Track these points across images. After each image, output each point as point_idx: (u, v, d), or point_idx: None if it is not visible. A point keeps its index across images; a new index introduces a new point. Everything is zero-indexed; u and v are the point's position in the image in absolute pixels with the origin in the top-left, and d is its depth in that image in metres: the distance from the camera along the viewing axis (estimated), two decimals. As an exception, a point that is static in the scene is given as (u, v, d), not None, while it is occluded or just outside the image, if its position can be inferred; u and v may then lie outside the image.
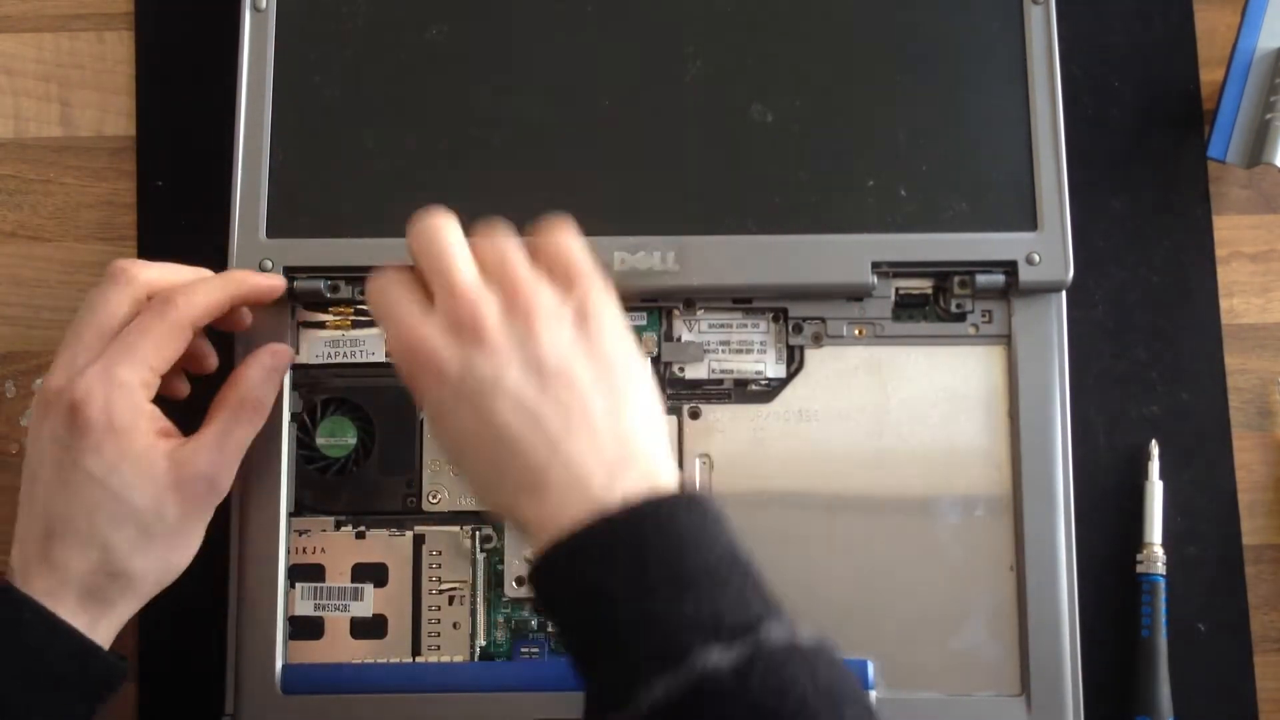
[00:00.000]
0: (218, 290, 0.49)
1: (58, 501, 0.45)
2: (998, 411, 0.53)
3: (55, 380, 0.46)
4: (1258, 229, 0.58)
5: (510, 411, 0.41)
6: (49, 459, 0.46)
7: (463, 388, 0.41)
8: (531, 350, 0.42)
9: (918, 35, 0.54)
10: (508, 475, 0.41)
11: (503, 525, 0.52)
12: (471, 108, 0.54)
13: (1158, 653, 0.53)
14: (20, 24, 0.61)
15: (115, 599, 0.46)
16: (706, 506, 0.41)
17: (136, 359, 0.46)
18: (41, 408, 0.46)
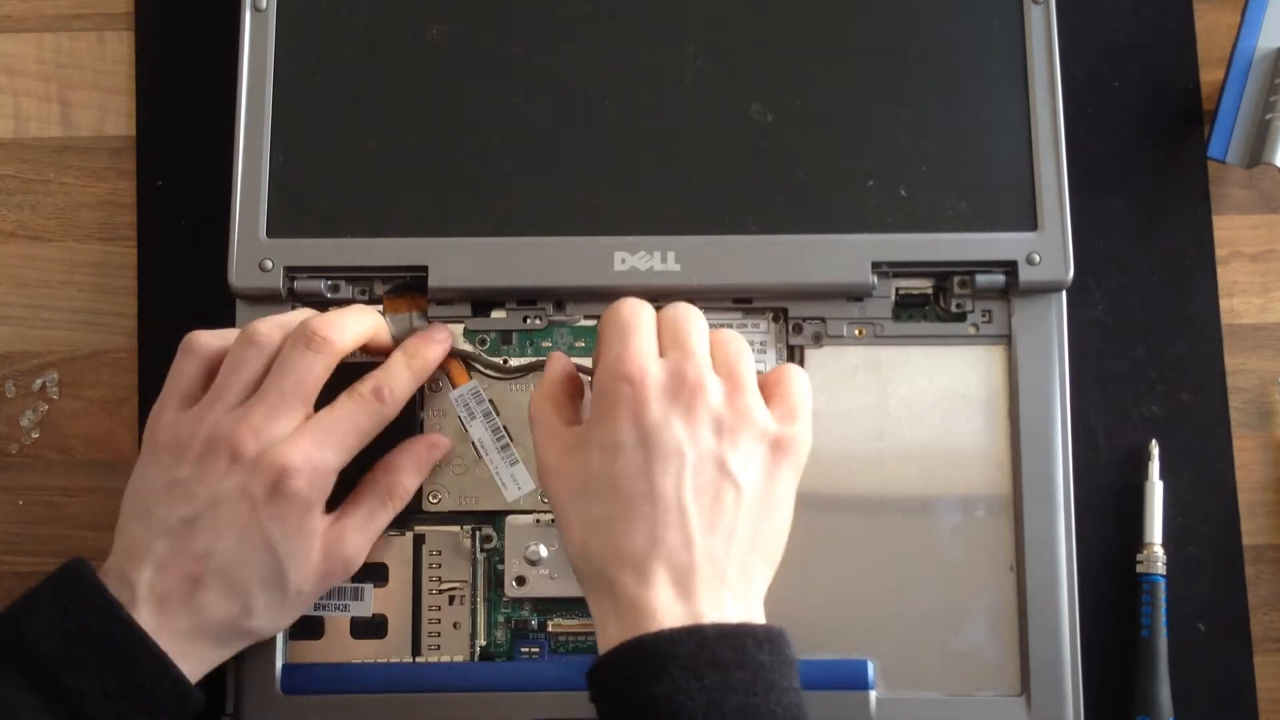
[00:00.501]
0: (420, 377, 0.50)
1: (225, 551, 0.46)
2: (998, 411, 0.53)
3: (248, 438, 0.46)
4: (1258, 229, 0.58)
5: (674, 482, 0.43)
6: (230, 509, 0.46)
7: (649, 436, 0.43)
8: (726, 449, 0.44)
9: (918, 35, 0.54)
10: (631, 540, 0.43)
11: (503, 525, 0.52)
12: (471, 108, 0.54)
13: (1158, 653, 0.53)
14: (20, 24, 0.61)
15: (227, 647, 0.47)
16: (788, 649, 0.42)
17: (344, 447, 0.47)
18: (224, 453, 0.46)
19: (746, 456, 0.44)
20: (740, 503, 0.44)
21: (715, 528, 0.43)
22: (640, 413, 0.44)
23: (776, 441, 0.45)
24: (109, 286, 0.58)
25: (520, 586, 0.52)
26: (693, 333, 0.46)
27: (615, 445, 0.44)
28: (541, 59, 0.54)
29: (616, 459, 0.43)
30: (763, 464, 0.45)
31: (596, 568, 0.43)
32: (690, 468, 0.43)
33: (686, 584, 0.42)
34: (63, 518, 0.57)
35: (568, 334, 0.54)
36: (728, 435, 0.44)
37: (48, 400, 0.58)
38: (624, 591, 0.42)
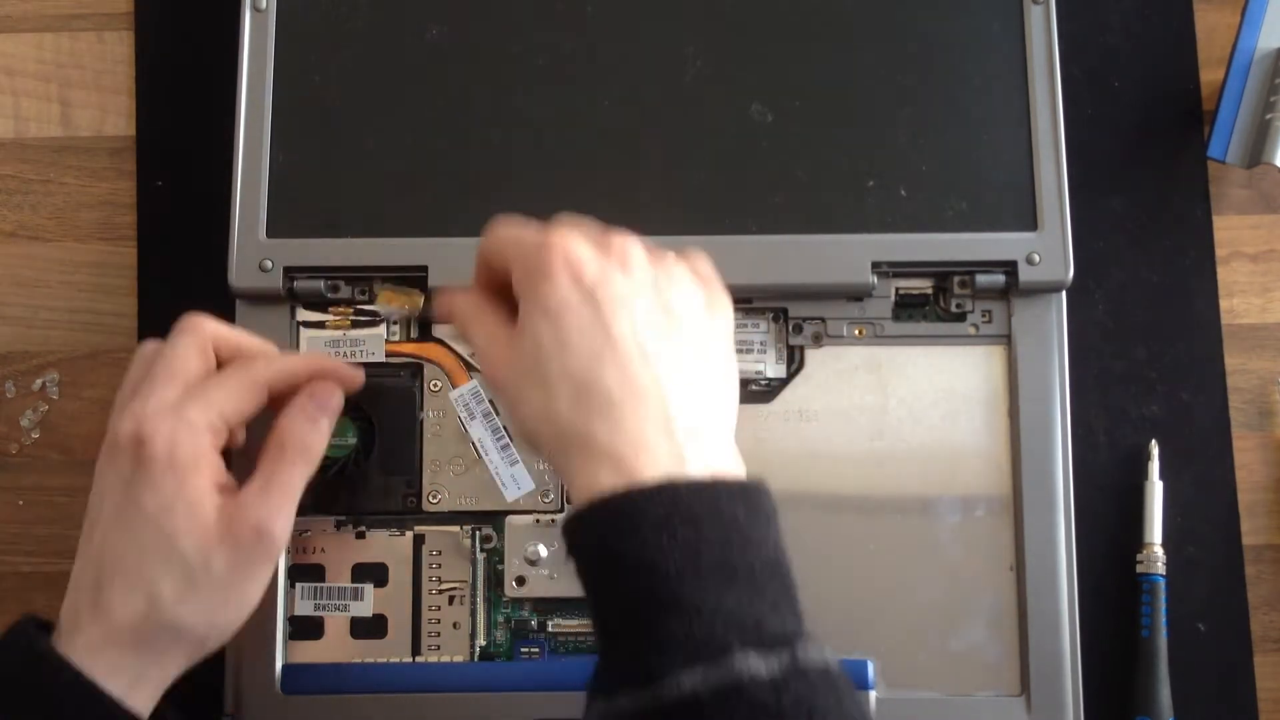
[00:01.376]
0: (299, 363, 0.48)
1: (113, 541, 0.44)
2: (998, 411, 0.53)
3: (124, 423, 0.45)
4: (1258, 229, 0.58)
5: (630, 327, 0.42)
6: (109, 498, 0.45)
7: (595, 291, 0.42)
8: (665, 295, 0.43)
9: (918, 35, 0.54)
10: (596, 390, 0.41)
11: (503, 525, 0.52)
12: (471, 108, 0.54)
13: (1158, 653, 0.53)
14: (20, 24, 0.61)
15: (161, 653, 0.44)
16: (765, 501, 0.41)
17: (209, 403, 0.45)
18: (109, 450, 0.45)
19: (689, 302, 0.43)
20: (695, 346, 0.43)
21: (679, 368, 0.42)
22: (579, 272, 0.42)
23: (709, 292, 0.45)
24: (109, 286, 0.58)
25: (520, 587, 0.52)
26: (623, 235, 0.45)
27: (561, 306, 0.42)
28: (541, 59, 0.54)
29: (565, 317, 0.42)
30: (703, 311, 0.44)
31: (563, 426, 0.41)
32: (641, 313, 0.42)
33: (661, 432, 0.41)
34: (63, 518, 0.57)
35: (568, 334, 0.53)
36: (664, 284, 0.43)
37: (48, 400, 0.58)
38: (597, 439, 0.40)
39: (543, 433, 0.42)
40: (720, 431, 0.43)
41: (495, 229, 0.46)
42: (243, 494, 0.45)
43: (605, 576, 0.40)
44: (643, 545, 0.38)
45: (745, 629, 0.37)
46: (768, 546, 0.40)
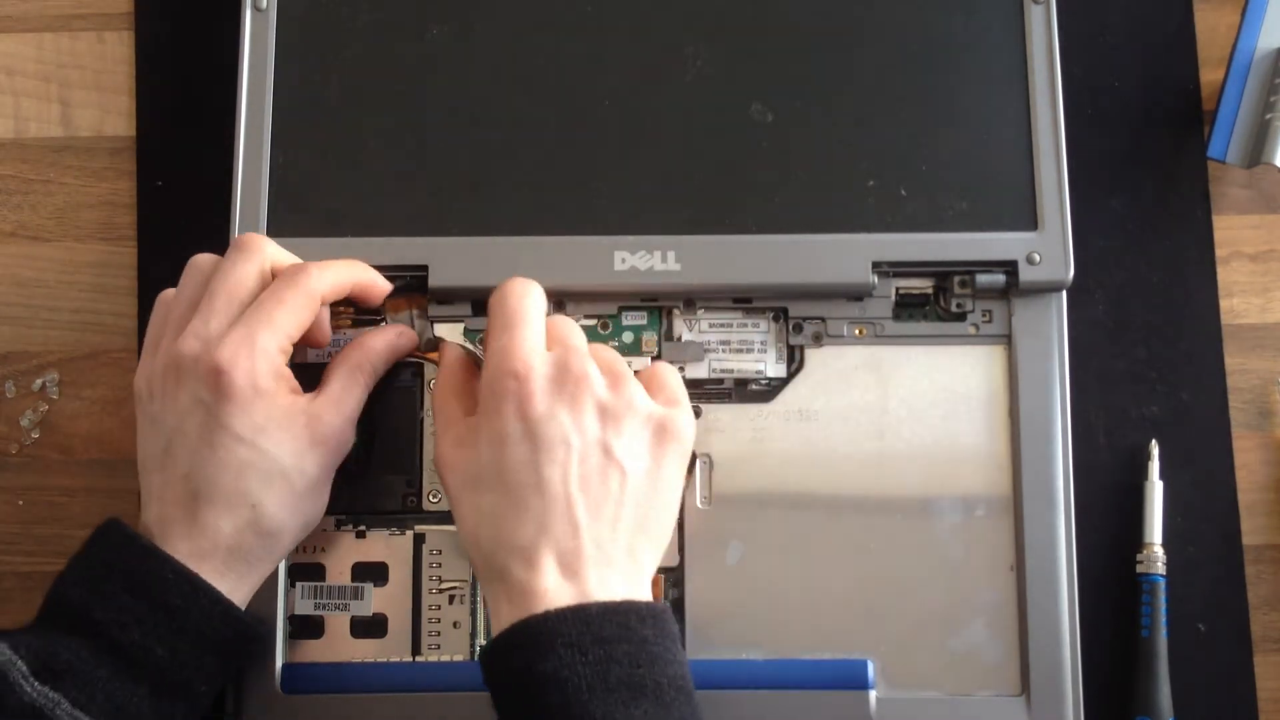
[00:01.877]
0: (345, 271, 0.50)
1: (205, 464, 0.46)
2: (998, 411, 0.53)
3: (188, 345, 0.46)
4: (1258, 229, 0.58)
5: (560, 471, 0.44)
6: (192, 422, 0.46)
7: (535, 429, 0.45)
8: (610, 436, 0.45)
9: (918, 35, 0.54)
10: (520, 530, 0.44)
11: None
12: (471, 108, 0.54)
13: (1158, 653, 0.53)
14: (20, 24, 0.61)
15: (258, 559, 0.47)
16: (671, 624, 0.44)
17: (276, 326, 0.47)
18: (174, 372, 0.46)
19: (631, 441, 0.46)
20: (625, 486, 0.45)
21: (600, 513, 0.44)
22: (526, 406, 0.45)
23: (660, 425, 0.47)
24: (109, 286, 0.58)
25: (520, 586, 0.52)
26: (574, 333, 0.48)
27: (503, 438, 0.45)
28: (541, 59, 0.54)
29: (504, 451, 0.45)
30: (647, 447, 0.46)
31: (487, 556, 0.45)
32: (576, 455, 0.45)
33: (573, 568, 0.43)
34: (63, 518, 0.57)
35: (568, 334, 0.53)
36: (611, 421, 0.46)
37: (48, 400, 0.58)
38: (514, 578, 0.43)
39: (470, 552, 0.46)
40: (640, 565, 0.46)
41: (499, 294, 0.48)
42: (320, 402, 0.48)
43: (520, 698, 0.42)
44: (557, 663, 0.41)
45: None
46: (674, 665, 0.43)
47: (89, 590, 0.44)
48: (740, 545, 0.52)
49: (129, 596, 0.44)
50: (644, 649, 0.42)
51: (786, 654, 0.51)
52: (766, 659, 0.51)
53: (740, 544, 0.52)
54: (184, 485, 0.46)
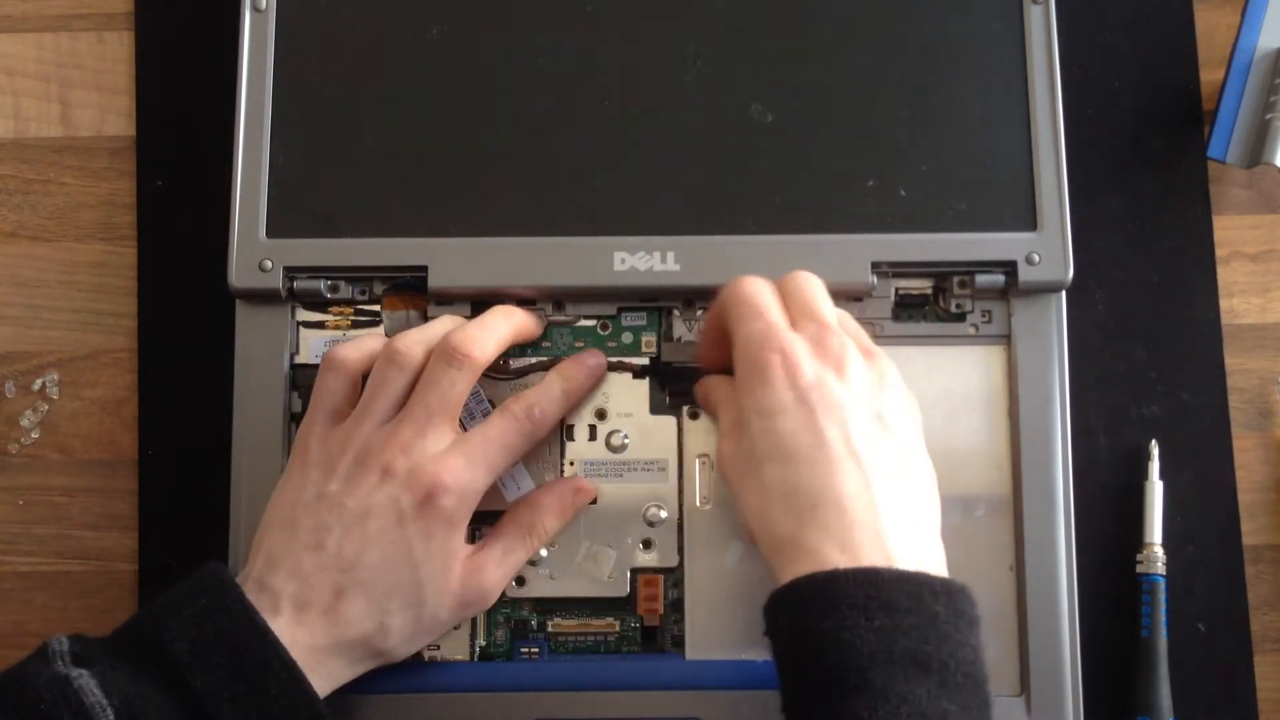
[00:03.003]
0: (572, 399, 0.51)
1: (370, 560, 0.46)
2: (998, 411, 0.53)
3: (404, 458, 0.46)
4: (1258, 229, 0.58)
5: (841, 432, 0.44)
6: (379, 521, 0.46)
7: (809, 395, 0.44)
8: (879, 402, 0.45)
9: (918, 35, 0.54)
10: (804, 493, 0.43)
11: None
12: (471, 107, 0.54)
13: (1158, 653, 0.53)
14: (20, 24, 0.61)
15: (355, 666, 0.47)
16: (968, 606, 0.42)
17: (493, 468, 0.48)
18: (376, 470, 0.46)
19: (898, 409, 0.46)
20: (899, 451, 0.45)
21: (886, 475, 0.44)
22: (795, 375, 0.44)
23: (909, 396, 0.47)
24: (109, 286, 0.58)
25: (520, 587, 0.52)
26: (821, 303, 0.47)
27: (775, 409, 0.44)
28: (541, 59, 0.54)
29: (779, 420, 0.44)
30: (906, 415, 0.46)
31: (774, 527, 0.43)
32: (853, 418, 0.44)
33: (867, 528, 0.42)
34: (63, 518, 0.57)
35: (568, 334, 0.54)
36: (877, 390, 0.45)
37: (48, 400, 0.58)
38: (804, 542, 0.42)
39: (757, 531, 0.45)
40: (926, 533, 0.44)
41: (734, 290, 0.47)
42: (484, 556, 0.48)
43: (799, 654, 0.41)
44: (840, 625, 0.40)
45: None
46: (966, 649, 0.41)
47: (192, 651, 0.43)
48: (740, 545, 0.52)
49: (231, 672, 0.43)
50: (934, 625, 0.40)
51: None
52: (766, 659, 0.51)
53: (740, 544, 0.52)
54: (342, 575, 0.46)
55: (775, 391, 0.44)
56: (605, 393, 0.53)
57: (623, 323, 0.54)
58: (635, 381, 0.53)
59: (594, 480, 0.52)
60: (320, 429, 0.48)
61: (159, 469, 0.57)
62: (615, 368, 0.53)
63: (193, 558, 0.55)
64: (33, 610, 0.57)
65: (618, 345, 0.54)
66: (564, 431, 0.53)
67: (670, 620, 0.52)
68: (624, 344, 0.54)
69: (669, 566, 0.52)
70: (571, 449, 0.53)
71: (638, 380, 0.53)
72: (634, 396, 0.53)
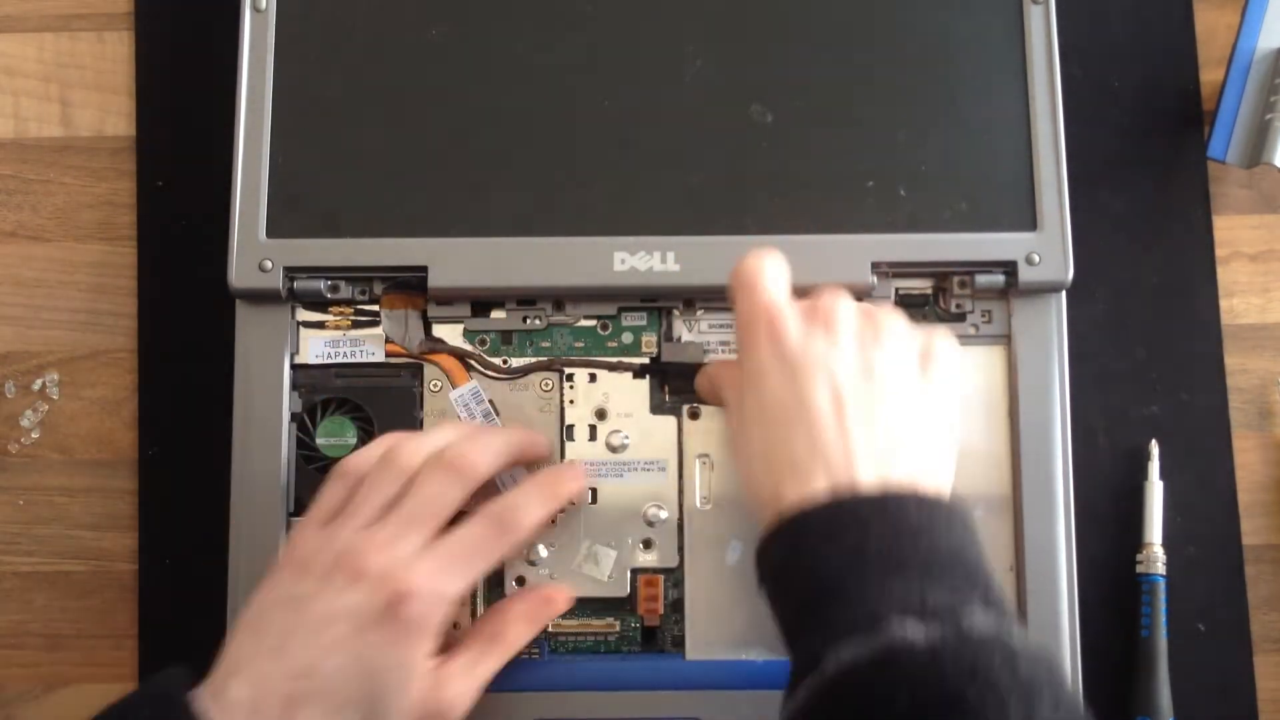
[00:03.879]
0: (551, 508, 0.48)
1: (328, 674, 0.43)
2: (998, 411, 0.53)
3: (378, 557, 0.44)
4: (1258, 229, 0.58)
5: (825, 391, 0.43)
6: (341, 627, 0.43)
7: (792, 354, 0.44)
8: (869, 356, 0.44)
9: (918, 35, 0.54)
10: (791, 452, 0.43)
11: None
12: (472, 108, 0.54)
13: (1158, 653, 0.53)
14: (20, 24, 0.61)
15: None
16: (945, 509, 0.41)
17: (467, 575, 0.45)
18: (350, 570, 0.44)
19: (893, 358, 0.45)
20: (896, 401, 0.44)
21: (872, 421, 0.43)
22: (780, 336, 0.44)
23: (924, 348, 0.46)
24: (109, 286, 0.58)
25: (520, 586, 0.52)
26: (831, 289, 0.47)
27: (761, 371, 0.44)
28: (541, 59, 0.54)
29: (764, 382, 0.44)
30: (913, 367, 0.45)
31: (760, 488, 0.43)
32: (838, 376, 0.44)
33: (842, 460, 0.42)
34: (63, 518, 0.57)
35: (567, 334, 0.54)
36: (869, 343, 0.45)
37: (48, 400, 0.58)
38: (784, 500, 0.42)
39: (749, 495, 0.45)
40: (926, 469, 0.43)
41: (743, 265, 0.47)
42: (447, 669, 0.46)
43: (782, 590, 0.42)
44: (812, 553, 0.40)
45: (904, 605, 0.38)
46: (947, 537, 0.41)
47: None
48: (740, 545, 0.52)
49: None
50: (905, 524, 0.40)
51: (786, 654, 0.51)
52: (766, 659, 0.51)
53: (740, 544, 0.52)
54: (297, 683, 0.43)
55: (760, 354, 0.44)
56: (605, 392, 0.53)
57: (623, 323, 0.54)
58: (635, 381, 0.53)
59: (594, 480, 0.52)
60: (308, 530, 0.47)
61: (159, 469, 0.57)
62: (615, 368, 0.53)
63: (192, 558, 0.55)
64: (33, 610, 0.57)
65: (618, 345, 0.54)
66: (564, 432, 0.53)
67: (670, 620, 0.52)
68: (624, 344, 0.54)
69: (669, 566, 0.52)
70: (571, 449, 0.53)
71: (638, 380, 0.53)
72: (634, 396, 0.53)
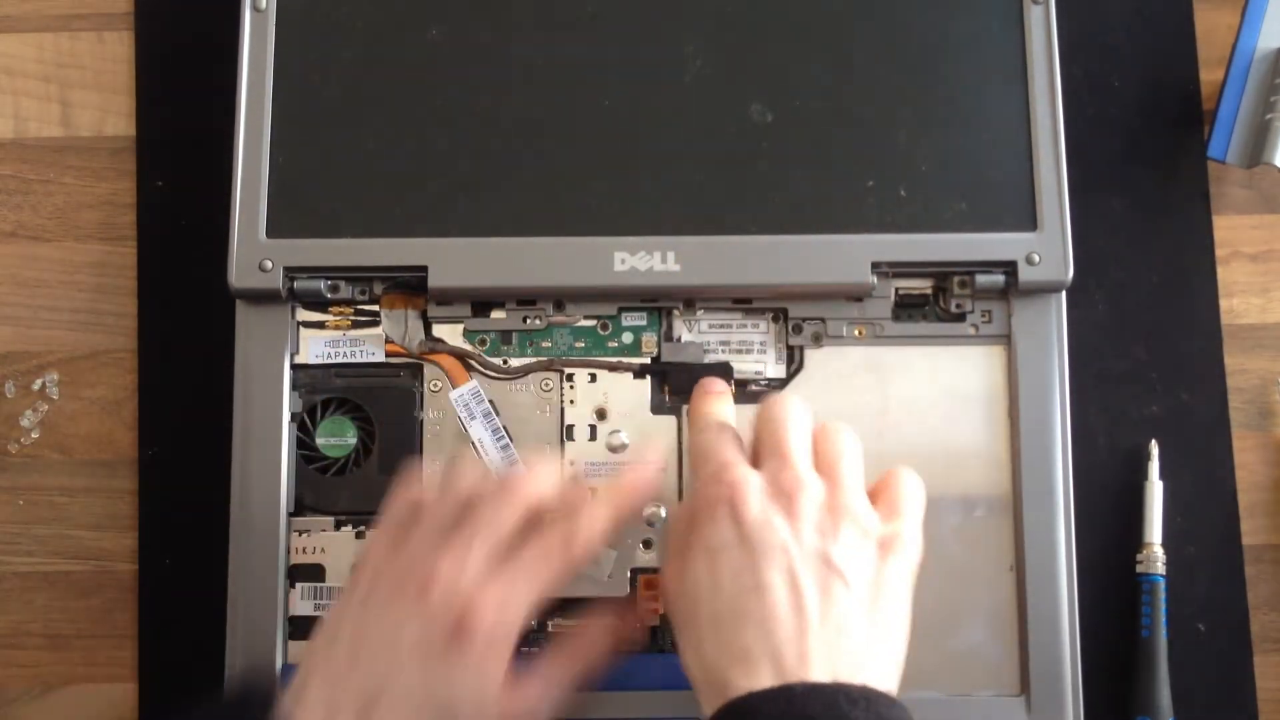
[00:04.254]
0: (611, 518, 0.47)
1: (403, 680, 0.43)
2: (998, 411, 0.53)
3: (442, 579, 0.44)
4: (1258, 229, 0.58)
5: (781, 577, 0.42)
6: (411, 646, 0.43)
7: (751, 534, 0.43)
8: (828, 544, 0.43)
9: (918, 35, 0.54)
10: (741, 636, 0.42)
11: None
12: (471, 108, 0.54)
13: (1158, 653, 0.53)
14: (20, 24, 0.61)
15: None
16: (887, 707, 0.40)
17: (535, 587, 0.45)
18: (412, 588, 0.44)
19: (851, 551, 0.43)
20: (851, 596, 0.42)
21: (826, 619, 0.42)
22: (740, 512, 0.43)
23: (882, 541, 0.44)
24: (109, 286, 0.58)
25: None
26: (789, 436, 0.45)
27: (718, 546, 0.43)
28: (541, 59, 0.54)
29: (719, 559, 0.43)
30: (870, 560, 0.44)
31: (710, 674, 0.42)
32: (796, 561, 0.42)
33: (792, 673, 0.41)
34: (63, 518, 0.57)
35: (567, 334, 0.54)
36: (830, 532, 0.43)
37: (48, 400, 0.58)
38: (732, 687, 0.41)
39: (691, 669, 0.43)
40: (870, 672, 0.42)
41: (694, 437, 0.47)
42: (524, 687, 0.45)
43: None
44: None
45: None
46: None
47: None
48: (740, 545, 0.52)
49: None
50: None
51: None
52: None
53: (740, 544, 0.52)
54: (370, 686, 0.43)
55: (719, 528, 0.43)
56: (605, 392, 0.53)
57: (623, 323, 0.54)
58: (635, 381, 0.53)
59: (594, 480, 0.52)
60: (378, 547, 0.46)
61: (159, 469, 0.57)
62: (615, 368, 0.53)
63: (192, 558, 0.55)
64: (33, 610, 0.57)
65: (618, 345, 0.54)
66: (564, 432, 0.53)
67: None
68: (624, 344, 0.54)
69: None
70: (571, 449, 0.53)
71: (638, 380, 0.53)
72: (634, 396, 0.53)
